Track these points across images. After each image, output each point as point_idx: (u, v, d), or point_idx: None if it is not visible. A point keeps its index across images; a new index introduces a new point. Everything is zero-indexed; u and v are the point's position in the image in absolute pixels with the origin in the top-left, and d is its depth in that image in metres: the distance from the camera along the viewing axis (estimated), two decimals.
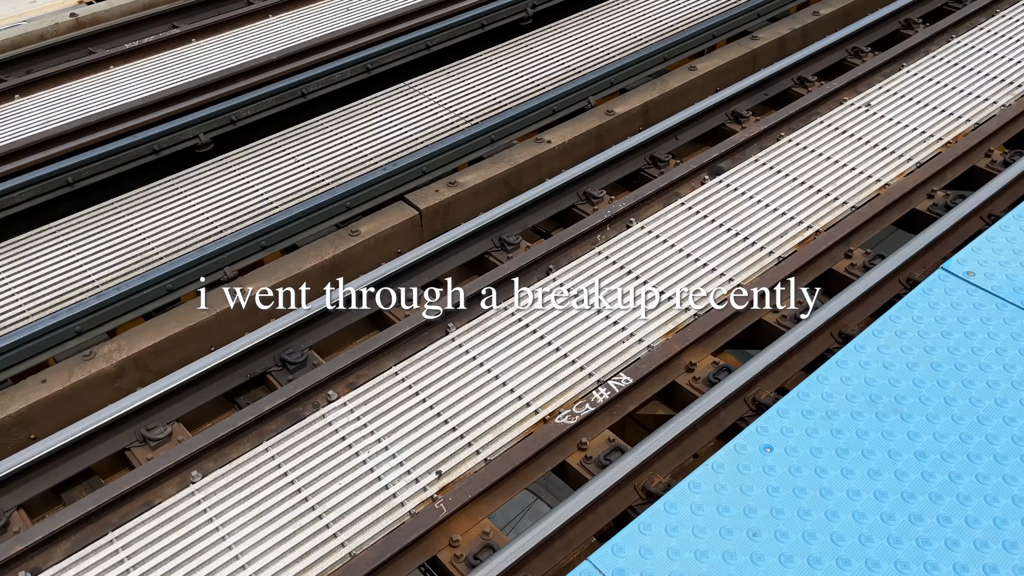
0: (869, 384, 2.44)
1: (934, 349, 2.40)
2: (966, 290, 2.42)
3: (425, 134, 5.69)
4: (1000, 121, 5.41)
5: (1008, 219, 2.70)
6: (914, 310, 2.45)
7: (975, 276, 2.48)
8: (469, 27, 6.78)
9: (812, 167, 5.19)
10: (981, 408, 2.33)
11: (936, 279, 2.47)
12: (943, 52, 6.16)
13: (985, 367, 2.36)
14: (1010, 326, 2.42)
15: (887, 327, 2.55)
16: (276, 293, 4.52)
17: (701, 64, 6.31)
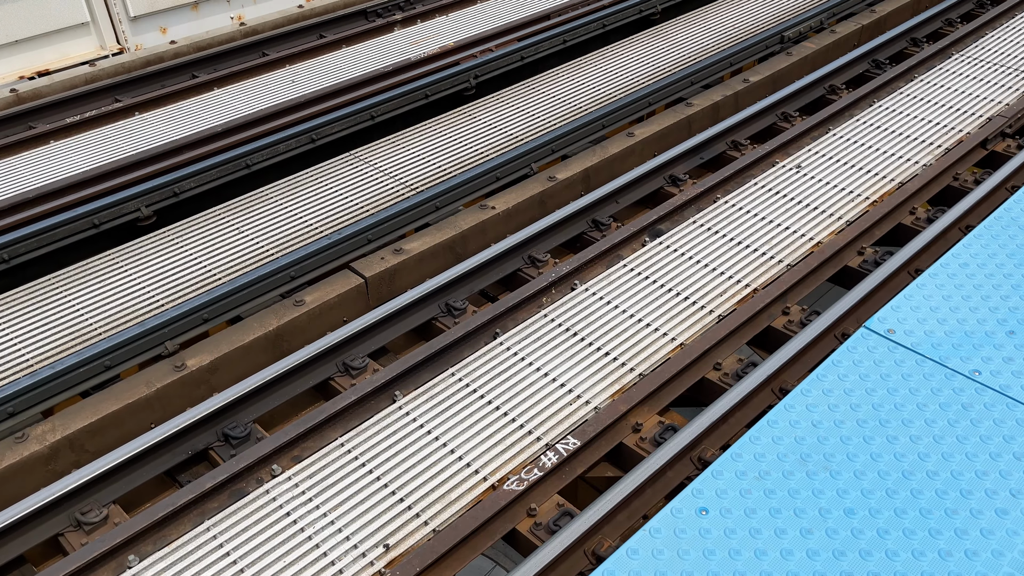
0: (799, 443, 2.50)
1: (859, 406, 2.47)
2: (888, 347, 2.51)
3: (371, 202, 5.74)
4: (922, 180, 5.68)
5: (924, 278, 2.82)
6: (840, 368, 2.52)
7: (895, 334, 2.58)
8: (414, 97, 6.92)
9: (748, 227, 5.36)
10: (905, 463, 2.39)
11: (859, 337, 2.56)
12: (866, 116, 6.48)
13: (908, 422, 2.43)
14: (930, 381, 2.50)
15: (815, 386, 2.62)
16: (219, 365, 4.45)
17: (639, 130, 6.52)
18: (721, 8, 8.43)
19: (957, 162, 5.90)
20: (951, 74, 6.92)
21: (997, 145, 6.21)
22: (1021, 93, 6.61)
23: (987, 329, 2.67)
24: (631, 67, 7.41)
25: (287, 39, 8.16)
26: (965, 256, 2.97)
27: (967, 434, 2.44)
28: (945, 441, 2.42)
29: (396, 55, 7.70)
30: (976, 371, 2.54)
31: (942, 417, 2.43)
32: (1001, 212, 3.12)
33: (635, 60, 7.53)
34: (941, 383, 2.49)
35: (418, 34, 8.16)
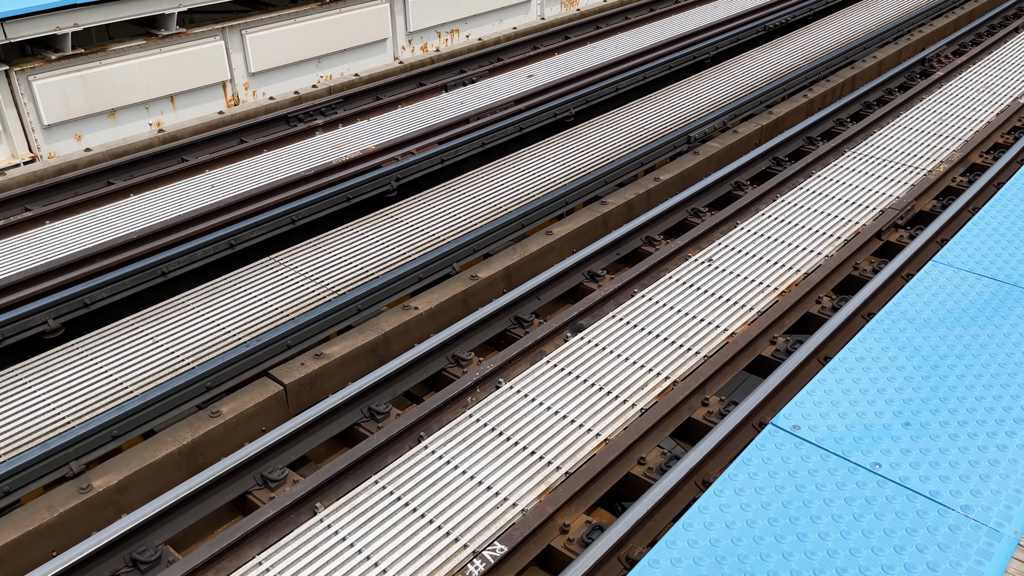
0: (714, 545, 2.52)
1: (770, 504, 2.52)
2: (794, 444, 2.59)
3: (291, 307, 5.69)
4: (825, 271, 5.97)
5: (824, 373, 2.95)
6: (750, 467, 2.58)
7: (800, 429, 2.67)
8: (335, 200, 6.98)
9: (665, 320, 5.50)
10: (816, 560, 2.43)
11: (767, 434, 2.64)
12: (770, 210, 6.83)
13: (816, 519, 2.49)
14: (834, 476, 2.59)
15: (727, 485, 2.67)
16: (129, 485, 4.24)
17: (557, 228, 6.70)
18: (631, 111, 8.88)
19: (856, 252, 6.24)
20: (845, 170, 7.40)
21: (891, 236, 6.61)
22: (909, 186, 7.10)
23: (884, 422, 2.80)
24: (548, 168, 7.67)
25: (207, 144, 8.18)
26: (861, 350, 3.12)
27: (872, 528, 2.51)
28: (852, 536, 2.47)
29: (318, 159, 7.80)
30: (877, 464, 2.64)
31: (848, 512, 2.50)
32: (891, 307, 3.32)
33: (552, 161, 7.80)
34: (845, 477, 2.57)
35: (340, 138, 8.30)
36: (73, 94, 7.86)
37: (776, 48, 10.70)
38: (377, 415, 4.83)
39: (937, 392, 2.96)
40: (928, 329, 3.24)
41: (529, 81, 9.76)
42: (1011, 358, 3.14)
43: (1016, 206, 4.15)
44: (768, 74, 9.81)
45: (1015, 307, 3.39)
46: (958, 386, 3.01)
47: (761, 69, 9.97)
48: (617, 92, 9.56)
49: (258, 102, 9.25)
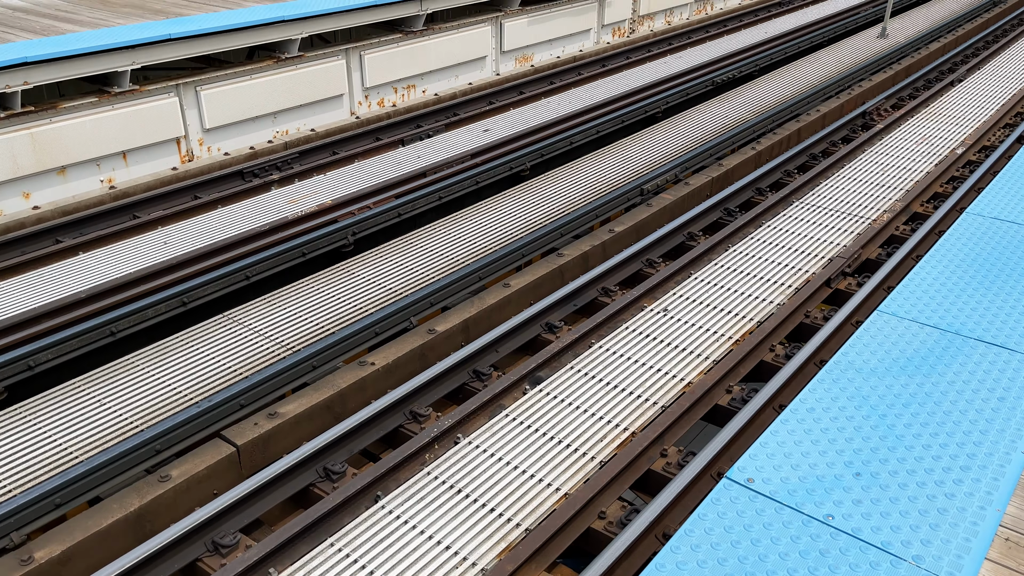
0: None
1: (726, 560, 2.51)
2: (748, 497, 2.60)
3: (244, 365, 5.59)
4: (777, 319, 6.08)
5: (776, 424, 2.99)
6: (706, 522, 2.59)
7: (754, 483, 2.69)
8: (290, 256, 6.94)
9: (623, 371, 5.53)
10: None
11: (722, 488, 2.65)
12: (723, 259, 6.96)
13: (772, 573, 2.49)
14: (788, 529, 2.60)
15: (683, 542, 2.66)
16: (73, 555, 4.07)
17: (515, 281, 6.74)
18: (586, 164, 9.04)
19: (807, 301, 6.37)
20: (793, 219, 7.60)
21: (840, 284, 6.77)
22: (855, 235, 7.30)
23: (836, 472, 2.83)
24: (505, 220, 7.74)
25: (160, 201, 8.10)
26: (811, 401, 3.17)
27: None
28: None
29: (273, 214, 7.76)
30: (829, 515, 2.66)
31: (803, 565, 2.50)
32: (839, 356, 3.39)
33: (509, 214, 7.88)
34: (799, 530, 2.58)
35: (296, 192, 8.29)
36: (22, 152, 7.75)
37: (724, 102, 11.03)
38: (333, 475, 4.74)
39: (885, 441, 3.01)
40: (875, 378, 3.31)
41: (485, 135, 9.90)
42: (955, 406, 3.22)
43: (955, 255, 4.30)
44: (717, 127, 10.09)
45: (956, 355, 3.49)
46: (905, 435, 3.06)
47: (710, 123, 10.26)
48: (571, 146, 9.73)
49: (213, 158, 9.21)
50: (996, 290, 3.99)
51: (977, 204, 4.86)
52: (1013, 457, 3.00)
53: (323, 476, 4.75)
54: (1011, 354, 3.50)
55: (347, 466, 4.80)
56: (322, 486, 4.70)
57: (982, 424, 3.13)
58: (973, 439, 3.07)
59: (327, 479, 4.73)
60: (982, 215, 4.73)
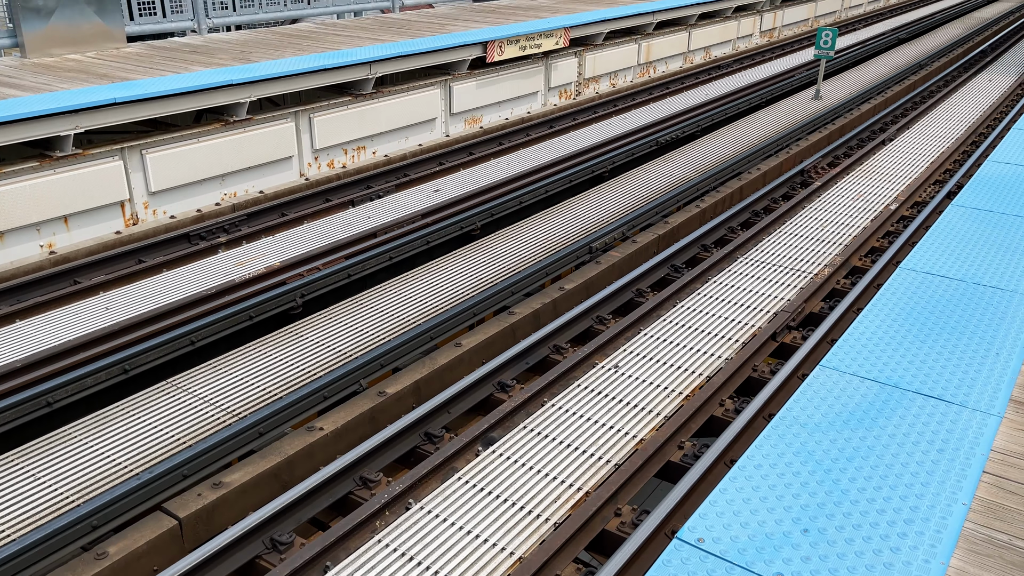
0: None
1: None
2: (699, 558, 2.60)
3: (188, 434, 5.43)
4: (726, 373, 6.16)
5: (725, 482, 3.01)
6: None
7: (705, 543, 2.69)
8: (237, 319, 6.83)
9: (576, 429, 5.51)
10: None
11: (673, 550, 2.64)
12: (671, 315, 7.06)
13: None
14: None
15: None
16: None
17: (466, 340, 6.72)
18: (535, 223, 9.15)
19: (754, 355, 6.48)
20: (739, 275, 7.77)
21: (785, 337, 6.91)
22: (799, 289, 7.49)
23: (784, 529, 2.85)
24: (456, 280, 7.75)
25: (102, 265, 7.93)
26: (759, 457, 3.21)
27: None
28: None
29: (220, 277, 7.65)
30: (779, 574, 2.67)
31: None
32: (784, 412, 3.44)
33: (460, 273, 7.90)
34: None
35: (243, 255, 8.20)
36: None
37: (669, 161, 11.34)
38: (280, 546, 4.59)
39: (831, 496, 3.05)
40: (819, 433, 3.37)
41: (435, 195, 9.98)
42: (896, 459, 3.28)
43: (891, 309, 4.43)
44: (662, 186, 10.34)
45: (896, 408, 3.57)
46: (850, 489, 3.11)
47: (656, 181, 10.51)
48: (521, 205, 9.86)
49: (158, 221, 9.09)
50: (931, 343, 4.12)
51: (910, 259, 5.05)
52: (954, 509, 3.06)
53: (270, 547, 4.60)
54: (947, 406, 3.60)
55: (295, 536, 4.66)
56: (269, 558, 4.55)
57: (923, 476, 3.19)
58: (915, 491, 3.12)
59: (274, 550, 4.59)
60: (915, 270, 4.90)
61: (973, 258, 5.06)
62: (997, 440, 3.41)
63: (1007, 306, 4.46)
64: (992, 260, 5.03)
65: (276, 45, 11.88)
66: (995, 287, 4.69)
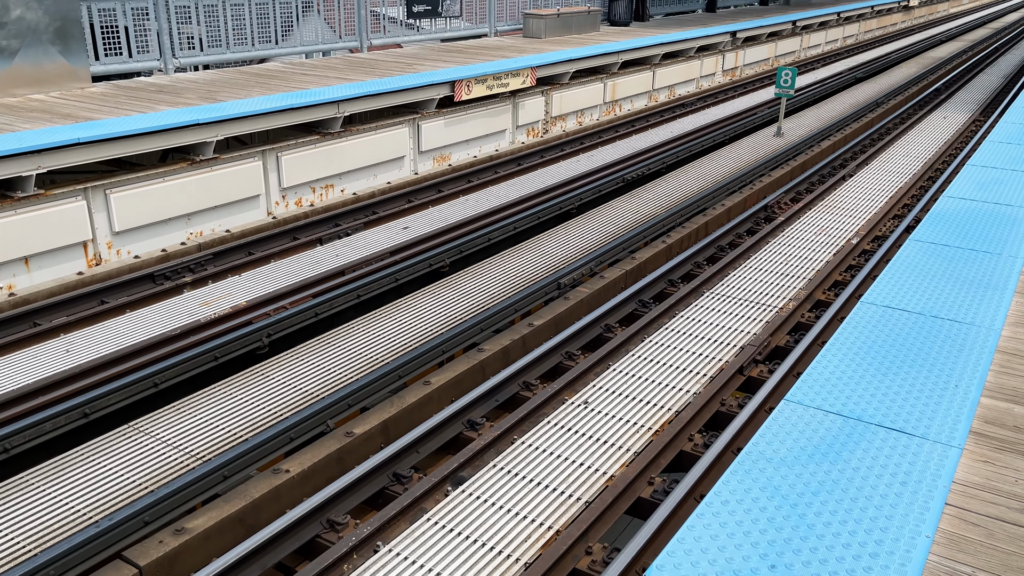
0: None
1: None
2: None
3: (151, 479, 5.31)
4: (695, 408, 6.19)
5: (693, 519, 3.02)
6: None
7: None
8: (202, 360, 6.73)
9: (546, 467, 5.49)
10: None
11: None
12: (640, 350, 7.09)
13: None
14: None
15: None
16: None
17: (435, 378, 6.69)
18: (504, 259, 9.18)
19: (722, 389, 6.53)
20: (705, 309, 7.85)
21: (752, 371, 6.97)
22: (764, 323, 7.58)
23: (752, 566, 2.85)
24: (425, 317, 7.73)
25: (63, 307, 7.78)
26: (725, 493, 3.22)
27: None
28: None
29: (184, 317, 7.55)
30: None
31: None
32: (750, 447, 3.47)
33: (429, 310, 7.88)
34: None
35: (209, 295, 8.11)
36: None
37: (635, 198, 11.49)
38: None
39: (798, 531, 3.06)
40: (785, 468, 3.39)
41: (404, 233, 9.99)
42: (861, 492, 3.31)
43: (853, 343, 4.51)
44: (629, 222, 10.46)
45: (860, 441, 3.62)
46: (816, 524, 3.13)
47: (623, 218, 10.63)
48: (490, 242, 9.91)
49: (122, 261, 8.97)
50: (892, 376, 4.19)
51: (871, 293, 5.14)
52: (918, 542, 3.09)
53: None
54: (910, 438, 3.65)
55: None
56: None
57: (887, 509, 3.23)
58: (880, 525, 3.15)
59: None
60: (876, 304, 4.99)
61: (931, 291, 5.17)
62: (958, 472, 3.46)
63: (964, 338, 4.56)
64: (949, 293, 5.15)
65: (244, 84, 11.91)
66: (952, 320, 4.79)
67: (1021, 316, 4.91)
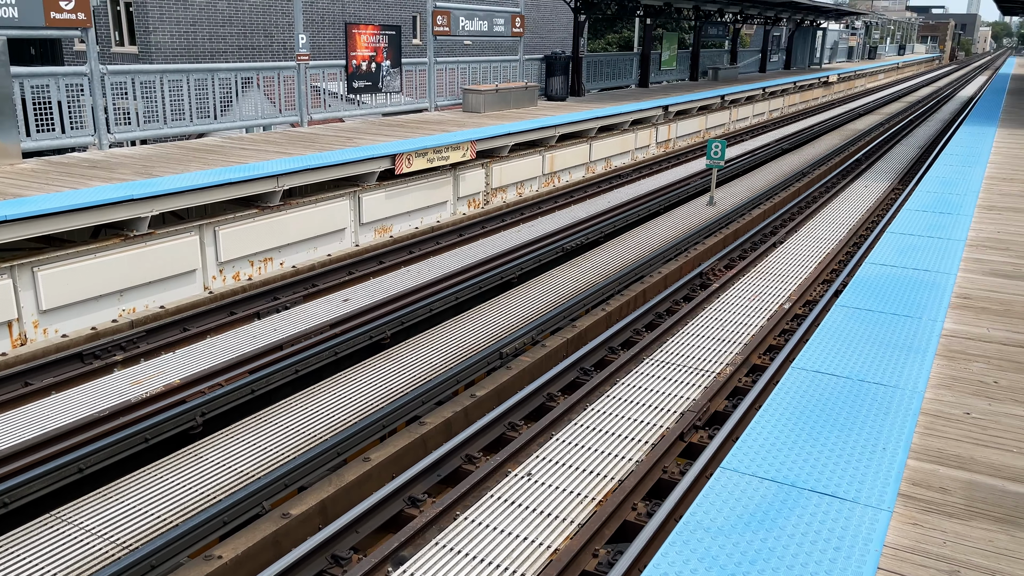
0: None
1: None
2: None
3: (73, 572, 5.03)
4: (637, 476, 6.20)
5: None
6: None
7: None
8: (132, 443, 6.49)
9: (489, 543, 5.39)
10: None
11: None
12: (582, 419, 7.11)
13: None
14: None
15: None
16: None
17: (375, 454, 6.56)
18: (446, 330, 9.17)
19: (663, 456, 6.56)
20: (645, 376, 7.94)
21: (693, 437, 7.04)
22: (703, 389, 7.69)
23: None
24: (365, 391, 7.63)
25: None
26: (664, 566, 3.21)
27: None
28: None
29: (114, 398, 7.30)
30: None
31: None
32: (687, 517, 3.49)
33: (369, 384, 7.78)
34: None
35: (141, 373, 7.87)
36: None
37: (575, 267, 11.67)
38: None
39: None
40: (723, 537, 3.41)
41: (345, 305, 9.92)
42: (796, 559, 3.34)
43: (785, 409, 4.61)
44: (570, 291, 10.60)
45: (794, 507, 3.67)
46: None
47: (563, 286, 10.77)
48: (431, 312, 9.90)
49: (49, 340, 8.67)
50: (824, 440, 4.28)
51: (801, 359, 5.29)
52: None
53: None
54: (841, 503, 3.72)
55: None
56: None
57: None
58: None
59: None
60: (806, 369, 5.13)
61: (857, 356, 5.35)
62: (889, 535, 3.53)
63: (890, 401, 4.71)
64: (874, 357, 5.33)
65: (181, 159, 11.84)
66: (878, 383, 4.95)
67: (942, 378, 5.10)
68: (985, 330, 5.91)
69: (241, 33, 26.64)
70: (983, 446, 4.34)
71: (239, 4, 26.40)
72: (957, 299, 6.52)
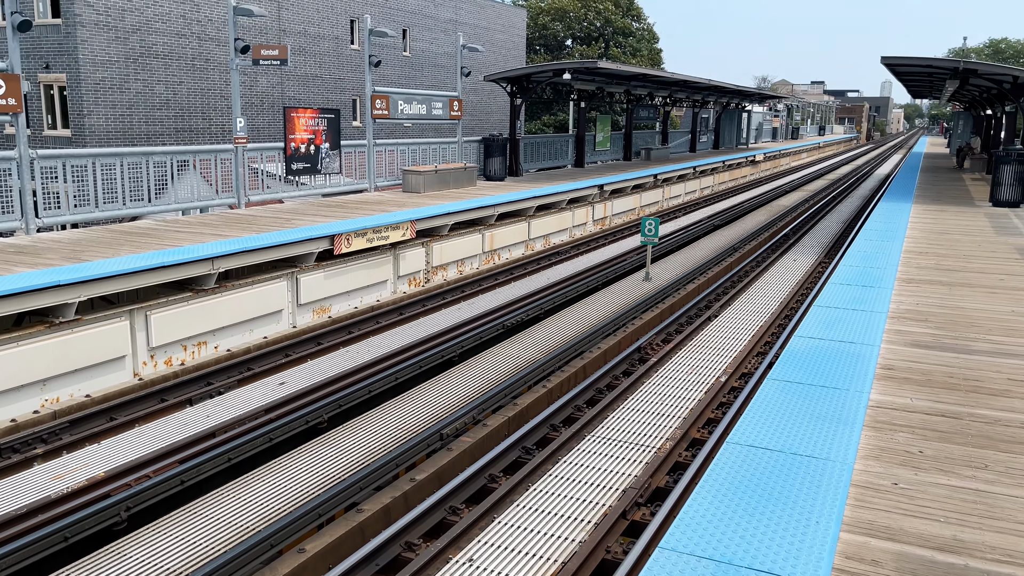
0: None
1: None
2: None
3: None
4: (580, 557, 6.11)
5: None
6: None
7: None
8: (49, 542, 6.13)
9: None
10: None
11: None
12: (525, 500, 7.02)
13: None
14: None
15: None
16: None
17: (311, 545, 6.34)
18: (385, 411, 9.03)
19: (606, 536, 6.50)
20: (587, 453, 7.91)
21: (635, 515, 7.00)
22: (644, 464, 7.70)
23: None
24: (301, 478, 7.41)
25: None
26: None
27: None
28: None
29: (33, 494, 6.92)
30: None
31: None
32: None
33: (305, 470, 7.57)
34: None
35: (63, 466, 7.51)
36: None
37: (516, 344, 11.70)
38: None
39: None
40: None
41: (280, 389, 9.71)
42: None
43: (721, 485, 4.64)
44: (511, 368, 10.59)
45: None
46: None
47: (504, 363, 10.77)
48: (371, 394, 9.76)
49: None
50: (759, 515, 4.32)
51: (735, 433, 5.36)
52: None
53: None
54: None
55: None
56: None
57: None
58: None
59: None
60: (740, 443, 5.20)
61: (789, 429, 5.45)
62: None
63: (822, 474, 4.80)
64: (805, 430, 5.44)
65: (112, 243, 11.61)
66: (809, 456, 5.04)
67: (871, 449, 5.23)
68: (909, 400, 6.11)
69: (179, 116, 26.63)
70: (912, 516, 4.43)
71: (177, 87, 26.48)
72: (881, 370, 6.74)
